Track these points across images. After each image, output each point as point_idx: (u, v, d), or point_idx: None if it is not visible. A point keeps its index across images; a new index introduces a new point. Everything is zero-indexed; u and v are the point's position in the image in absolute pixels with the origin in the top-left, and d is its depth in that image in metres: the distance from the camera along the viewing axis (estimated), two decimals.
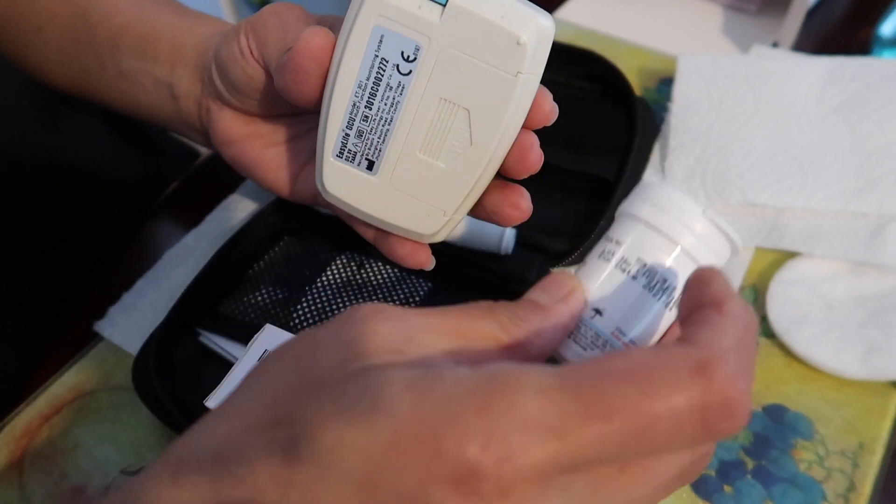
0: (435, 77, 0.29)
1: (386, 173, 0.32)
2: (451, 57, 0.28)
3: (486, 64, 0.28)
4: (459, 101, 0.30)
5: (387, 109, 0.30)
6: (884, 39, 0.63)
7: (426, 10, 0.28)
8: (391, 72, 0.29)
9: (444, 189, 0.32)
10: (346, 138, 0.32)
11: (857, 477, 0.39)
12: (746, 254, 0.50)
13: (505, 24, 0.27)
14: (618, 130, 0.54)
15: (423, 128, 0.30)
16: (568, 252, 0.47)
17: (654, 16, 0.72)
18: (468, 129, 0.30)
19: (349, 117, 0.31)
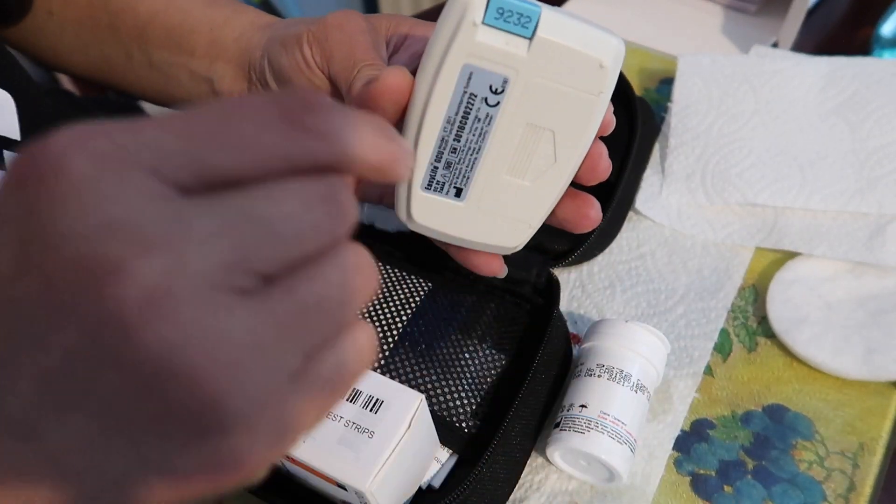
0: (522, 105, 0.30)
1: (474, 198, 0.34)
2: (538, 85, 0.30)
3: (571, 88, 0.30)
4: (545, 124, 0.31)
5: (475, 140, 0.32)
6: (884, 39, 0.63)
7: (513, 45, 0.29)
8: (479, 105, 0.30)
9: (529, 204, 0.34)
10: (434, 171, 0.33)
11: (857, 477, 0.39)
12: (746, 254, 0.50)
13: (589, 50, 0.29)
14: (618, 130, 0.54)
15: (510, 152, 0.32)
16: (568, 252, 0.47)
17: (654, 16, 0.72)
18: (553, 148, 0.32)
19: (438, 151, 0.32)
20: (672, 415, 0.42)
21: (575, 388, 0.40)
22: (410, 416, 0.32)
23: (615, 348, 0.40)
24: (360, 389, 0.33)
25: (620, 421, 0.37)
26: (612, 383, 0.39)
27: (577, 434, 0.37)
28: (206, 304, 0.17)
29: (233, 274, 0.17)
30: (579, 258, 0.48)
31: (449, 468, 0.38)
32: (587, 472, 0.39)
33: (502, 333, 0.43)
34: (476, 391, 0.40)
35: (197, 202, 0.18)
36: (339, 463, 0.31)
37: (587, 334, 0.42)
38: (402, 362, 0.40)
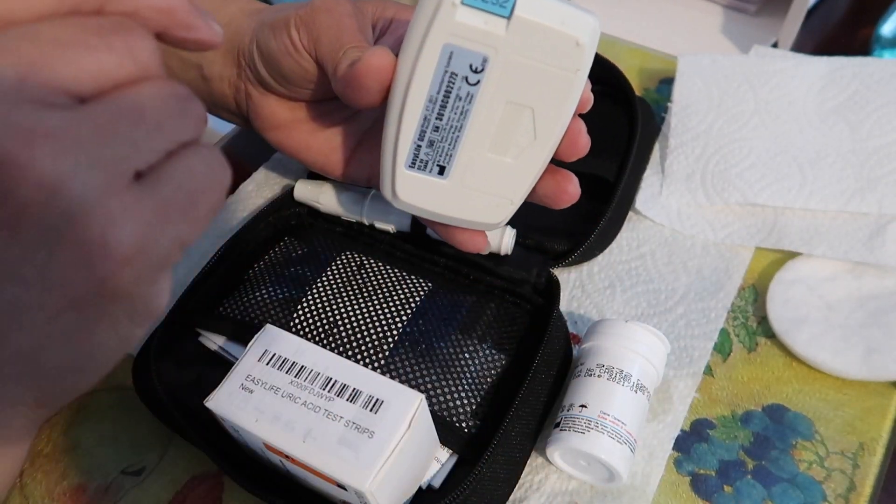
0: (501, 83, 0.31)
1: (457, 175, 0.34)
2: (517, 63, 0.30)
3: (549, 66, 0.30)
4: (524, 102, 0.32)
5: (457, 118, 0.32)
6: (884, 39, 0.63)
7: (492, 24, 0.29)
8: (460, 83, 0.31)
9: (510, 181, 0.35)
10: (417, 149, 0.34)
11: (857, 477, 0.39)
12: (746, 254, 0.50)
13: (566, 29, 0.29)
14: (618, 130, 0.54)
15: (492, 130, 0.33)
16: (568, 252, 0.47)
17: (654, 16, 0.72)
18: (532, 125, 0.32)
19: (420, 130, 0.33)
20: (672, 415, 0.42)
21: (575, 388, 0.40)
22: (410, 416, 0.32)
23: (615, 348, 0.40)
24: (361, 389, 0.33)
25: (620, 421, 0.37)
26: (612, 383, 0.39)
27: (577, 434, 0.37)
28: (10, 110, 0.18)
29: (32, 88, 0.18)
30: (579, 258, 0.48)
31: (449, 468, 0.38)
32: (587, 472, 0.39)
33: (502, 333, 0.43)
34: (476, 391, 0.40)
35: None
36: (339, 463, 0.31)
37: (587, 334, 0.42)
38: (402, 362, 0.40)
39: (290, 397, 0.33)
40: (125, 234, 0.19)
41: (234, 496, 0.41)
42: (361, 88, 0.33)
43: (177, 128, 0.21)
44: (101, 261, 0.19)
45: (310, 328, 0.41)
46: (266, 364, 0.34)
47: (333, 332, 0.41)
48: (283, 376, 0.34)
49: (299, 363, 0.34)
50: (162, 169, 0.21)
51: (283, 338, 0.35)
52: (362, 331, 0.41)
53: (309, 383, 0.33)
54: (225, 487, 0.41)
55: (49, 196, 0.18)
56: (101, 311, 0.20)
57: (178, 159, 0.21)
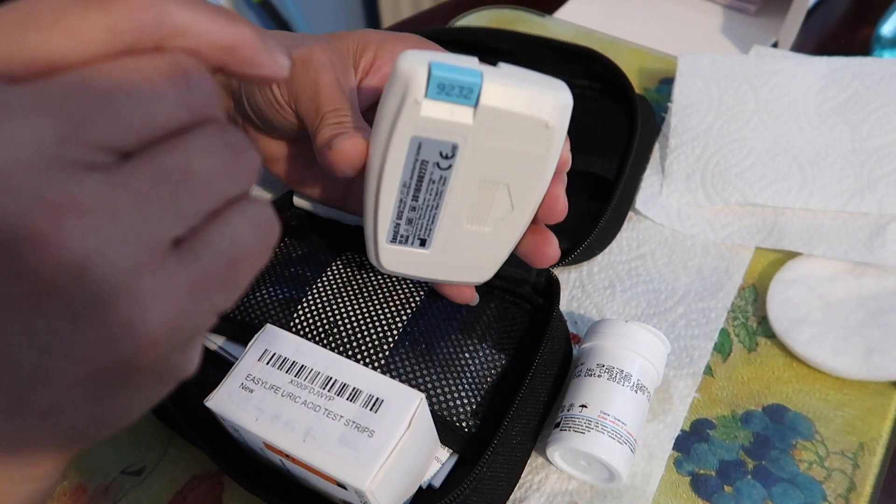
0: (473, 165, 0.31)
1: (438, 246, 0.35)
2: (487, 147, 0.30)
3: (520, 148, 0.31)
4: (498, 179, 0.32)
5: (432, 198, 0.33)
6: (884, 39, 0.63)
7: (459, 114, 0.29)
8: (432, 169, 0.31)
9: (491, 247, 0.35)
10: (397, 226, 0.34)
11: (857, 477, 0.39)
12: (746, 254, 0.50)
13: (533, 112, 0.29)
14: (618, 128, 0.54)
15: (467, 205, 0.33)
16: (568, 251, 0.47)
17: (654, 16, 0.72)
18: (508, 198, 0.33)
19: (398, 211, 0.34)
20: (672, 415, 0.42)
21: (575, 388, 0.40)
22: (410, 415, 0.32)
23: (615, 348, 0.40)
24: (361, 389, 0.33)
25: (620, 421, 0.37)
26: (613, 383, 0.39)
27: (577, 434, 0.37)
28: (42, 177, 0.16)
29: (71, 147, 0.17)
30: (579, 258, 0.48)
31: (449, 468, 0.38)
32: (587, 472, 0.39)
33: (502, 333, 0.43)
34: (476, 391, 0.40)
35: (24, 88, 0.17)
36: (339, 462, 0.31)
37: (587, 334, 0.42)
38: (402, 362, 0.40)
39: (290, 397, 0.33)
40: (154, 316, 0.18)
41: (234, 496, 0.41)
42: (336, 169, 0.33)
43: (226, 184, 0.20)
44: (126, 342, 0.18)
45: (310, 328, 0.41)
46: (266, 363, 0.34)
47: (333, 332, 0.41)
48: (283, 376, 0.34)
49: (299, 363, 0.34)
50: (203, 234, 0.19)
51: (283, 337, 0.35)
52: (362, 331, 0.41)
53: (309, 383, 0.33)
54: (225, 487, 0.41)
55: (75, 277, 0.17)
56: (124, 382, 0.19)
57: (223, 222, 0.20)
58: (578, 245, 0.47)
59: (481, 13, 0.73)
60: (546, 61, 0.59)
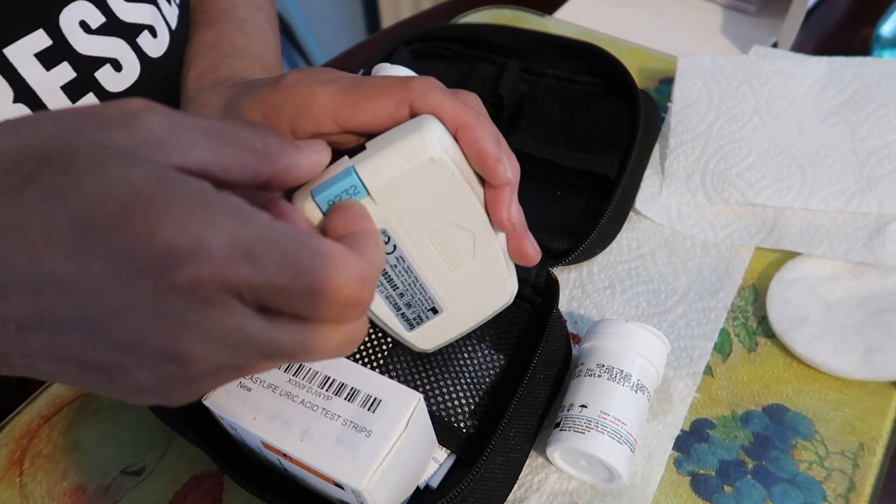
0: (411, 232, 0.33)
1: (447, 304, 0.37)
2: (407, 212, 0.32)
3: (430, 191, 0.32)
4: (441, 224, 0.33)
5: (407, 276, 0.35)
6: (884, 39, 0.63)
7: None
8: (385, 259, 0.33)
9: (488, 272, 0.37)
10: (403, 316, 0.37)
11: (857, 477, 0.39)
12: (746, 254, 0.50)
13: (414, 160, 0.31)
14: (620, 125, 0.54)
15: (438, 258, 0.35)
16: (568, 251, 0.47)
17: (654, 16, 0.72)
18: (462, 228, 0.34)
19: (393, 305, 0.37)
20: (672, 415, 0.42)
21: (575, 388, 0.40)
22: (408, 415, 0.32)
23: (615, 348, 0.40)
24: (359, 388, 0.33)
25: (620, 421, 0.37)
26: (613, 383, 0.39)
27: (577, 434, 0.37)
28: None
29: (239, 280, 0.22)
30: (579, 257, 0.48)
31: (447, 468, 0.38)
32: (587, 472, 0.39)
33: (501, 333, 0.43)
34: (474, 391, 0.40)
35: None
36: (337, 462, 0.31)
37: (587, 334, 0.42)
38: (400, 362, 0.40)
39: (288, 395, 0.33)
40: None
41: (234, 496, 0.41)
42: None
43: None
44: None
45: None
46: None
47: None
48: (281, 375, 0.34)
49: None
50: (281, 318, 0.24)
51: None
52: None
53: (307, 382, 0.33)
54: (225, 487, 0.41)
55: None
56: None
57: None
58: (579, 244, 0.47)
59: (481, 13, 0.73)
60: (548, 57, 0.59)
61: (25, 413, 0.45)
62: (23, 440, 0.43)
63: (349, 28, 1.58)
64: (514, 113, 0.57)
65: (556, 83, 0.59)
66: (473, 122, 0.32)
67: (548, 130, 0.55)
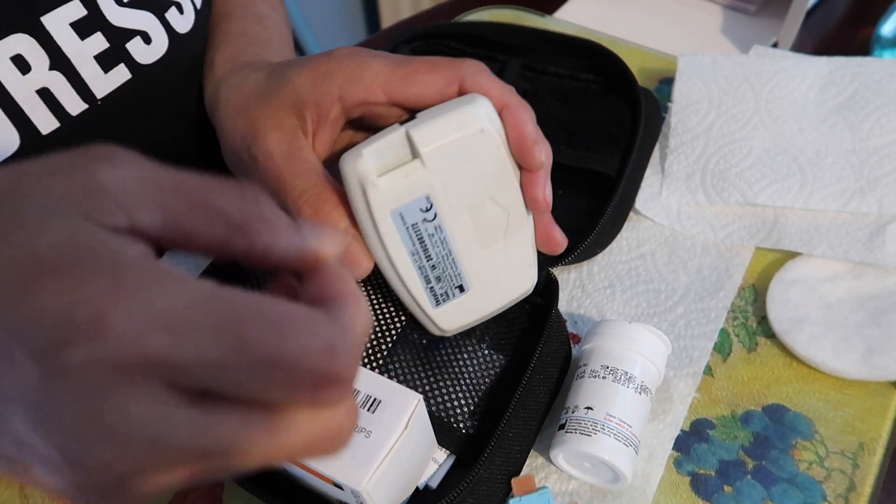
0: (453, 200, 0.34)
1: (475, 282, 0.38)
2: (452, 180, 0.34)
3: (476, 161, 0.34)
4: (481, 197, 0.35)
5: (442, 249, 0.36)
6: (884, 39, 0.63)
7: (412, 172, 0.33)
8: (424, 226, 0.35)
9: (516, 256, 0.38)
10: (432, 290, 0.38)
11: (857, 477, 0.39)
12: (746, 254, 0.50)
13: (465, 131, 0.33)
14: (621, 123, 0.54)
15: (473, 234, 0.36)
16: (568, 250, 0.47)
17: (654, 16, 0.72)
18: (499, 206, 0.36)
19: (423, 277, 0.37)
20: (672, 415, 0.42)
21: (578, 390, 0.40)
22: (408, 416, 0.32)
23: (619, 350, 0.40)
24: (358, 389, 0.33)
25: (626, 423, 0.37)
26: (618, 385, 0.39)
27: (583, 437, 0.37)
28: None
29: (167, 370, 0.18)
30: (579, 257, 0.48)
31: (446, 469, 0.38)
32: (591, 474, 0.39)
33: (501, 334, 0.43)
34: (474, 392, 0.40)
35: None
36: (336, 462, 0.31)
37: (588, 334, 0.42)
38: (400, 362, 0.40)
39: None
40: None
41: (235, 496, 0.41)
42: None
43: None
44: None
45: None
46: None
47: None
48: None
49: None
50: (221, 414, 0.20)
51: None
52: None
53: None
54: (225, 487, 0.41)
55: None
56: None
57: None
58: (580, 243, 0.47)
59: (481, 13, 0.73)
60: (549, 55, 0.59)
61: None
62: None
63: (349, 28, 1.58)
64: None
65: (557, 81, 0.59)
66: (517, 105, 0.34)
67: (548, 128, 0.55)
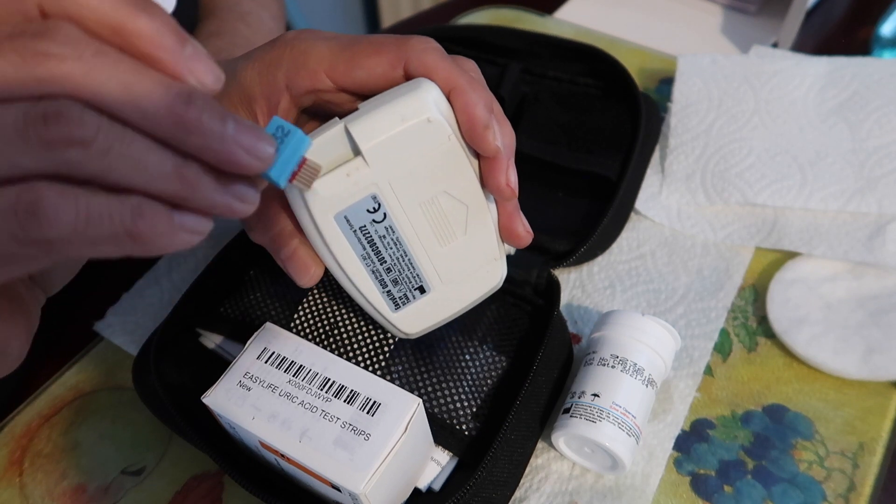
0: (403, 198, 0.31)
1: (435, 283, 0.35)
2: (400, 176, 0.31)
3: (425, 154, 0.30)
4: (434, 193, 0.32)
5: (395, 249, 0.33)
6: (884, 39, 0.63)
7: (354, 168, 0.30)
8: (373, 227, 0.32)
9: (479, 250, 0.35)
10: (389, 293, 0.35)
11: (857, 477, 0.39)
12: (746, 254, 0.50)
13: (410, 122, 0.29)
14: (621, 127, 0.54)
15: (429, 231, 0.33)
16: (569, 252, 0.47)
17: (654, 16, 0.72)
18: (456, 200, 0.32)
19: (378, 281, 0.34)
20: (672, 415, 0.42)
21: (586, 376, 0.40)
22: (407, 419, 0.32)
23: (630, 341, 0.40)
24: (358, 391, 0.33)
25: (630, 413, 0.38)
26: (626, 375, 0.39)
27: (587, 422, 0.38)
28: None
29: None
30: (580, 259, 0.48)
31: (449, 471, 0.38)
32: (590, 459, 0.40)
33: (503, 335, 0.43)
34: (476, 393, 0.40)
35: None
36: (335, 464, 0.31)
37: (599, 322, 0.42)
38: (402, 364, 0.40)
39: (287, 396, 0.33)
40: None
41: (234, 496, 0.41)
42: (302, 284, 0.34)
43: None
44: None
45: (310, 329, 0.41)
46: (265, 362, 0.34)
47: (334, 332, 0.41)
48: (281, 375, 0.34)
49: (298, 362, 0.34)
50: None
51: (282, 336, 0.35)
52: (363, 332, 0.41)
53: (307, 383, 0.33)
54: (225, 487, 0.41)
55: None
56: None
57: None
58: (580, 246, 0.47)
59: (481, 13, 0.73)
60: (549, 59, 0.59)
61: (25, 413, 0.45)
62: (23, 440, 0.43)
63: (349, 28, 1.58)
64: (515, 114, 0.57)
65: (557, 85, 0.59)
66: (465, 86, 0.30)
67: (549, 132, 0.55)
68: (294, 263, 0.34)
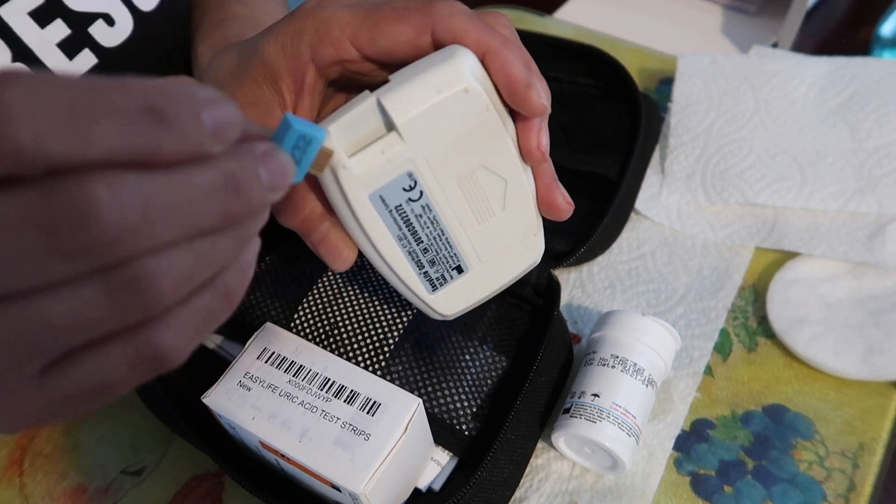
0: (439, 174, 0.30)
1: (473, 262, 0.34)
2: (437, 151, 0.29)
3: (463, 127, 0.29)
4: (471, 167, 0.30)
5: (432, 228, 0.32)
6: (884, 39, 0.63)
7: (389, 144, 0.28)
8: (409, 206, 0.30)
9: (517, 225, 0.33)
10: (426, 275, 0.33)
11: (857, 477, 0.39)
12: (746, 254, 0.50)
13: (446, 93, 0.28)
14: (621, 127, 0.54)
15: (467, 209, 0.32)
16: (569, 252, 0.47)
17: (654, 16, 0.72)
18: (493, 174, 0.31)
19: (415, 262, 0.32)
20: (672, 415, 0.42)
21: (586, 376, 0.40)
22: (407, 419, 0.32)
23: (631, 341, 0.40)
24: (358, 391, 0.33)
25: (631, 413, 0.38)
26: (626, 376, 0.39)
27: (587, 422, 0.38)
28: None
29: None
30: (580, 259, 0.48)
31: (449, 471, 0.38)
32: (590, 459, 0.40)
33: (503, 335, 0.43)
34: (476, 394, 0.40)
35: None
36: (334, 464, 0.31)
37: (600, 322, 0.42)
38: (402, 364, 0.40)
39: (287, 396, 0.33)
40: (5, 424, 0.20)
41: (234, 496, 0.41)
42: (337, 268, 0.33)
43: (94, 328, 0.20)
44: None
45: (311, 329, 0.41)
46: (265, 362, 0.34)
47: (334, 333, 0.41)
48: (281, 375, 0.34)
49: (298, 362, 0.34)
50: (67, 365, 0.20)
51: (282, 336, 0.35)
52: (363, 332, 0.41)
53: (307, 383, 0.33)
54: (225, 487, 0.41)
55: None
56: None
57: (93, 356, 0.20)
58: (580, 246, 0.47)
59: None
60: (549, 60, 0.59)
61: None
62: (23, 440, 0.43)
63: None
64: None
65: (557, 85, 0.59)
66: (500, 47, 0.29)
67: (549, 132, 0.55)
68: (326, 247, 0.32)
